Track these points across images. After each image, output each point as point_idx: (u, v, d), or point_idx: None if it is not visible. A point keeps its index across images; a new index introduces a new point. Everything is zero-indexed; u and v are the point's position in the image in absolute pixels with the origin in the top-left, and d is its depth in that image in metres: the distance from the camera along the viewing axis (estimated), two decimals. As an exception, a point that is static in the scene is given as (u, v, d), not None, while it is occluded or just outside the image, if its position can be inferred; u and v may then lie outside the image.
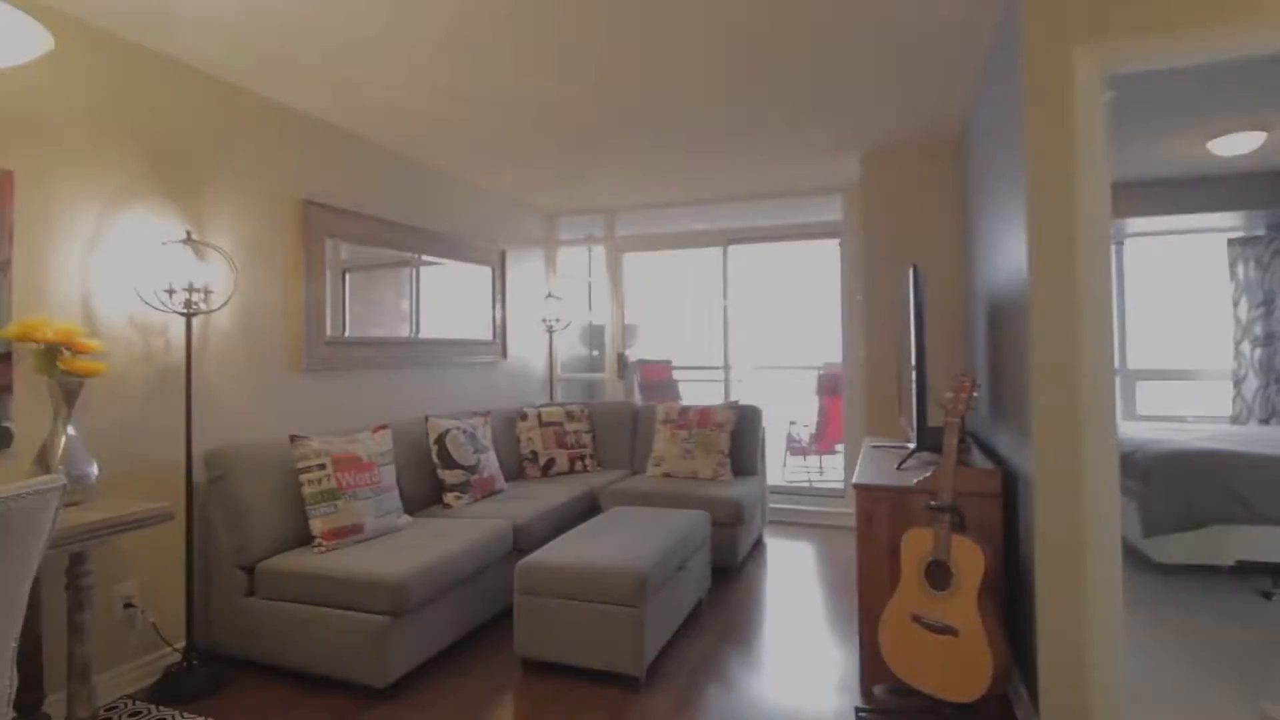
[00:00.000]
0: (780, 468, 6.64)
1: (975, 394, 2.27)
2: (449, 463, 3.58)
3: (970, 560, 2.06)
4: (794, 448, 6.63)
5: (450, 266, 4.42)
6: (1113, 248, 2.08)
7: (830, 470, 6.56)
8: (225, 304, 2.84)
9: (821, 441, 6.43)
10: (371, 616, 2.44)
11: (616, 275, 5.66)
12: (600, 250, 5.83)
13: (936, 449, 2.75)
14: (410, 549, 2.73)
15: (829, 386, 6.36)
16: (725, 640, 2.95)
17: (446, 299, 4.39)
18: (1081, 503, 2.01)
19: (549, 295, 5.44)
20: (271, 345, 3.15)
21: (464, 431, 3.72)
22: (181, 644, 2.67)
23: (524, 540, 3.28)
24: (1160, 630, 2.90)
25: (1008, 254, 2.43)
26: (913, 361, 2.50)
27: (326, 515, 2.77)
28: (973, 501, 2.30)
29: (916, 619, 2.15)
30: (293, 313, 3.26)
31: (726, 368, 5.47)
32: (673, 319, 8.28)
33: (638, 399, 6.86)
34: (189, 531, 2.60)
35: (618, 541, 2.85)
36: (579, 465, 4.50)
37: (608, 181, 4.73)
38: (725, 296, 5.41)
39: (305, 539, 2.85)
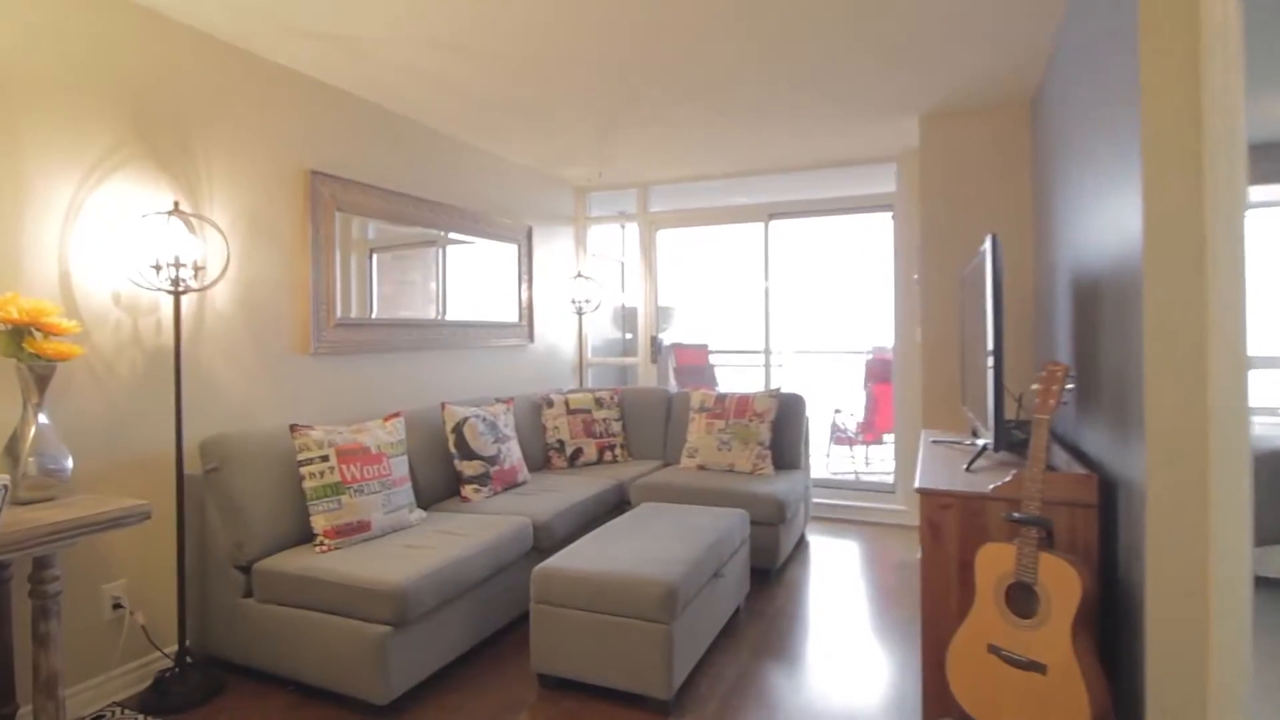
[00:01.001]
0: (824, 459, 6.29)
1: (1070, 386, 1.91)
2: (467, 453, 3.34)
3: (1064, 584, 1.72)
4: (839, 437, 6.26)
5: (473, 245, 4.17)
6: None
7: (878, 462, 6.18)
8: (217, 281, 2.62)
9: (869, 431, 6.05)
10: (372, 626, 2.21)
11: (650, 253, 5.35)
12: (633, 227, 5.52)
13: (1011, 447, 2.40)
14: (419, 549, 2.49)
15: (878, 372, 5.97)
16: (765, 656, 2.65)
17: (470, 279, 4.14)
18: (1206, 517, 1.65)
19: (579, 275, 5.14)
20: (276, 327, 2.93)
21: (483, 419, 3.47)
22: (173, 648, 2.49)
23: (545, 539, 3.02)
24: (1276, 657, 2.50)
25: (1106, 223, 2.05)
26: (989, 346, 2.14)
27: (329, 511, 2.55)
28: (1062, 512, 1.94)
29: (994, 650, 1.82)
30: (299, 292, 3.03)
31: (767, 352, 5.12)
32: (710, 300, 7.93)
33: (672, 385, 6.57)
34: (180, 527, 2.40)
35: (645, 545, 2.56)
36: (608, 455, 4.23)
37: (640, 152, 4.40)
38: (766, 276, 5.04)
39: (309, 536, 2.63)
